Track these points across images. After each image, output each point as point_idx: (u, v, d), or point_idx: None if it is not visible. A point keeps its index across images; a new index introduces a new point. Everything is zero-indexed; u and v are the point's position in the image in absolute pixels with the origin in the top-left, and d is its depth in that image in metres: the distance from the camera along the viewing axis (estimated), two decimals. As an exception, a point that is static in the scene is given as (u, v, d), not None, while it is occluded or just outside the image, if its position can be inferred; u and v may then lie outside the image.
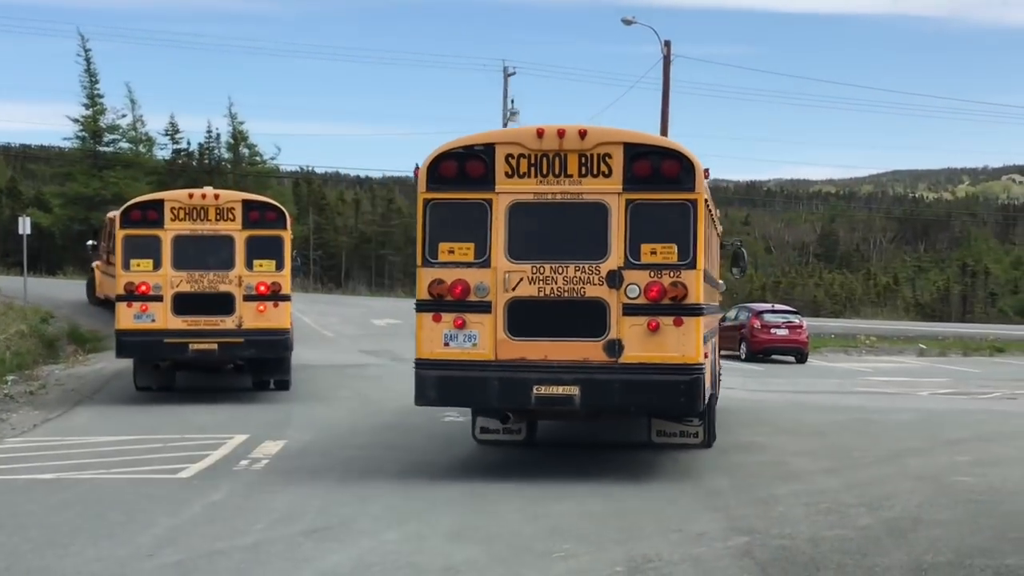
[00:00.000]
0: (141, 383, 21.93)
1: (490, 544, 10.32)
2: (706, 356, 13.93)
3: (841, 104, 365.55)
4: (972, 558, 9.94)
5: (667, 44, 46.15)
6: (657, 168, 13.35)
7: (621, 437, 16.70)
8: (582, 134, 13.42)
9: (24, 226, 35.78)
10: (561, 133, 13.42)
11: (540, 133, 13.47)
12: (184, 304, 20.68)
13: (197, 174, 77.07)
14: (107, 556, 9.79)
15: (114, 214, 37.35)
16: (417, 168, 13.86)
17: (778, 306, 42.95)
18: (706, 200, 13.84)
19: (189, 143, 79.04)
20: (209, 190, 21.93)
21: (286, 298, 21.32)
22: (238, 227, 20.92)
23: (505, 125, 58.38)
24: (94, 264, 38.27)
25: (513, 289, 13.38)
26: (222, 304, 20.86)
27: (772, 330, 38.21)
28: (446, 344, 13.46)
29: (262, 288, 20.95)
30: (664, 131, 43.86)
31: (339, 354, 31.81)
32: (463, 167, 13.53)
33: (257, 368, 22.27)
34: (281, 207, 22.17)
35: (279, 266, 21.18)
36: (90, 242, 39.78)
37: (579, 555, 9.93)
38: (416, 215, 13.80)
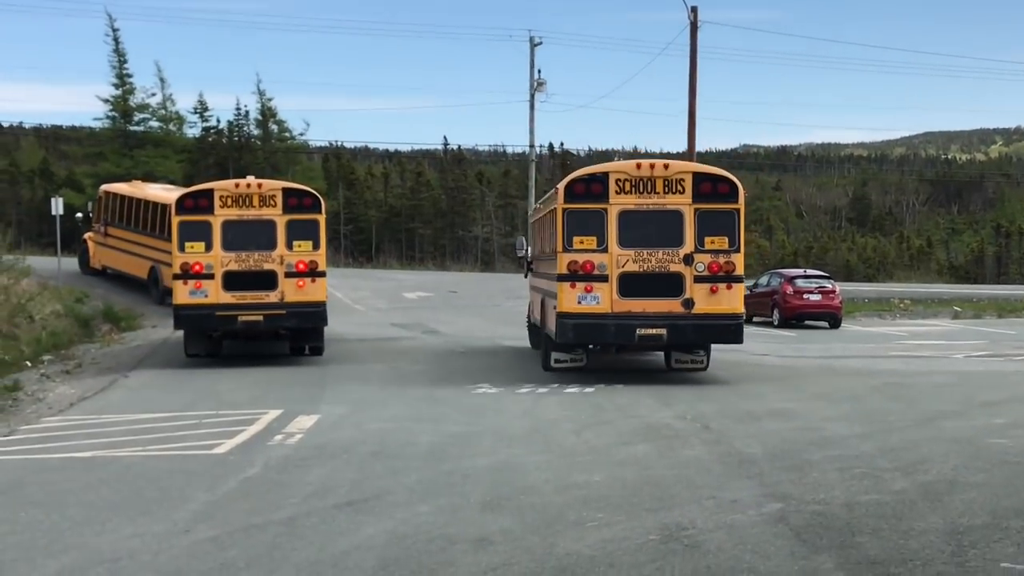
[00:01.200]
0: (192, 351, 23.94)
1: (523, 514, 10.34)
2: None
3: (871, 66, 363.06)
4: (1008, 520, 9.91)
5: (694, 10, 45.83)
6: (715, 188, 20.17)
7: (648, 365, 23.26)
8: (666, 166, 20.49)
9: (57, 207, 36.00)
10: (652, 166, 20.44)
11: (639, 166, 20.43)
12: (233, 281, 23.06)
13: (227, 151, 77.36)
14: (144, 532, 9.86)
15: (107, 187, 40.06)
16: (555, 189, 20.93)
17: (811, 271, 42.77)
18: (744, 208, 20.52)
19: (219, 121, 79.35)
20: (252, 179, 23.94)
21: (322, 274, 23.65)
22: (279, 212, 23.30)
23: (533, 96, 58.33)
24: (85, 236, 39.34)
25: (622, 267, 19.99)
26: (266, 280, 23.21)
27: (805, 295, 38.01)
28: (579, 302, 19.95)
29: (301, 266, 23.32)
30: (692, 97, 43.63)
31: (371, 328, 31.91)
32: (588, 187, 20.15)
33: (295, 336, 24.39)
34: (316, 193, 24.32)
35: (315, 246, 23.49)
36: (79, 215, 41.07)
37: (613, 524, 9.94)
38: (557, 220, 20.24)
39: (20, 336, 25.01)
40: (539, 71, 59.61)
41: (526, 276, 26.87)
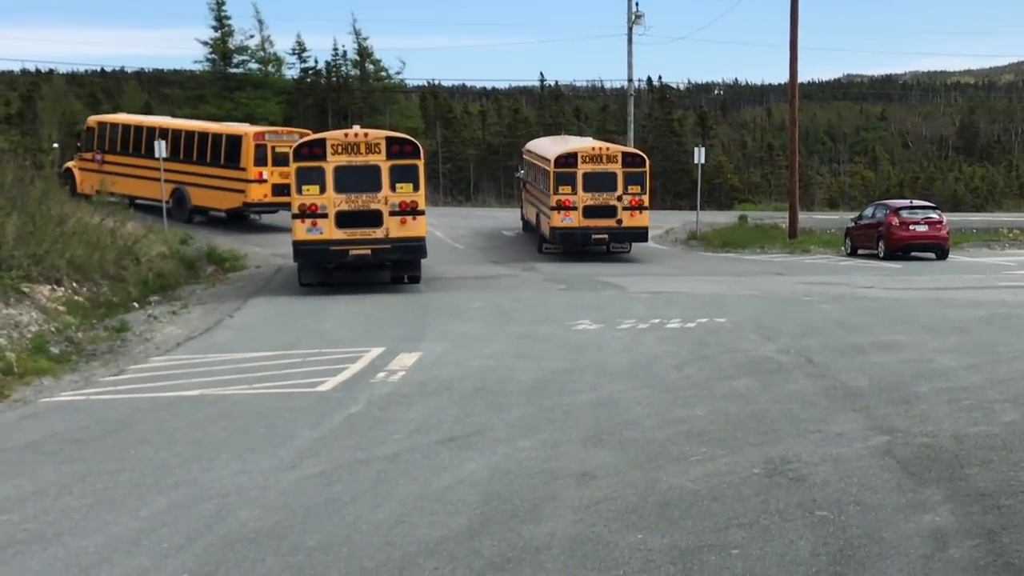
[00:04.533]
0: (306, 280, 26.70)
1: (625, 449, 10.32)
2: None
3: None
4: (1124, 452, 9.67)
5: (794, -63, 44.87)
6: (634, 160, 34.84)
7: (593, 251, 35.73)
8: (608, 149, 35.25)
9: (160, 150, 36.44)
10: (601, 149, 35.21)
11: (593, 148, 35.32)
12: (344, 219, 25.71)
13: (325, 92, 77.75)
14: (251, 469, 10.02)
15: (100, 118, 44.17)
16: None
17: (916, 202, 41.78)
18: (649, 171, 35.41)
19: (316, 62, 79.62)
20: (359, 129, 26.66)
21: (422, 212, 26.27)
22: (383, 158, 25.88)
23: (630, 28, 57.66)
24: (68, 164, 43.06)
25: (584, 202, 34.19)
26: (373, 219, 25.81)
27: (911, 227, 37.27)
28: (562, 221, 34.26)
29: (403, 205, 25.90)
30: (794, 26, 42.81)
31: (471, 266, 32.02)
32: (567, 160, 34.55)
33: (396, 267, 27.09)
34: (416, 141, 26.85)
35: (415, 187, 26.05)
36: (55, 144, 46.01)
37: (716, 458, 9.89)
38: (550, 177, 34.49)
39: (127, 278, 25.43)
40: (636, 3, 58.83)
41: (522, 189, 42.13)
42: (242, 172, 36.78)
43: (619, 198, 34.15)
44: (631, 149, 37.06)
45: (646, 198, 34.63)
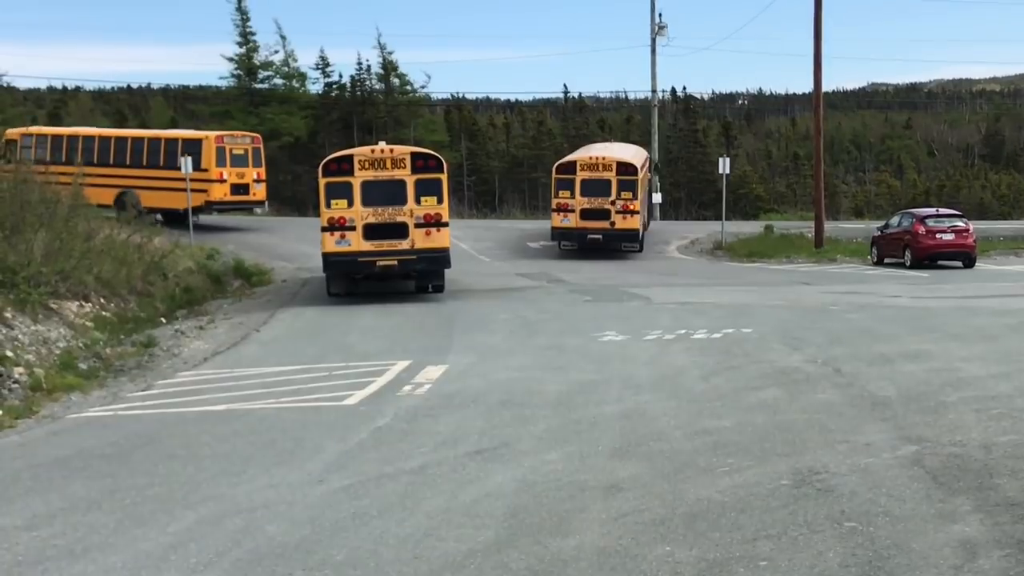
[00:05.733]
0: (334, 291, 27.65)
1: (652, 461, 10.29)
2: (644, 224, 42.68)
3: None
4: None
5: (817, -54, 44.79)
6: (627, 169, 39.53)
7: (605, 250, 39.36)
8: (605, 159, 39.81)
9: (186, 166, 36.64)
10: (599, 159, 40.08)
11: (591, 158, 40.17)
12: (371, 232, 26.63)
13: (350, 107, 77.96)
14: (279, 483, 10.03)
15: (27, 130, 45.49)
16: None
17: (943, 210, 41.57)
18: (644, 177, 43.15)
19: (340, 76, 79.92)
20: (385, 145, 27.67)
21: (446, 224, 27.19)
22: (408, 173, 26.76)
23: (654, 39, 57.75)
24: None
25: (582, 205, 38.90)
26: (399, 231, 26.71)
27: (937, 235, 37.08)
28: (561, 222, 39.57)
29: (428, 218, 26.80)
30: (817, 35, 42.71)
31: (496, 278, 32.03)
32: (566, 168, 40.05)
33: (421, 276, 28.10)
34: (439, 156, 27.89)
35: (439, 200, 26.97)
36: None
37: (743, 469, 9.85)
38: (552, 182, 40.49)
39: (155, 293, 25.57)
40: (660, 15, 59.05)
41: None
42: (204, 173, 38.92)
43: (612, 202, 38.85)
44: (625, 159, 40.69)
45: (637, 203, 39.32)
